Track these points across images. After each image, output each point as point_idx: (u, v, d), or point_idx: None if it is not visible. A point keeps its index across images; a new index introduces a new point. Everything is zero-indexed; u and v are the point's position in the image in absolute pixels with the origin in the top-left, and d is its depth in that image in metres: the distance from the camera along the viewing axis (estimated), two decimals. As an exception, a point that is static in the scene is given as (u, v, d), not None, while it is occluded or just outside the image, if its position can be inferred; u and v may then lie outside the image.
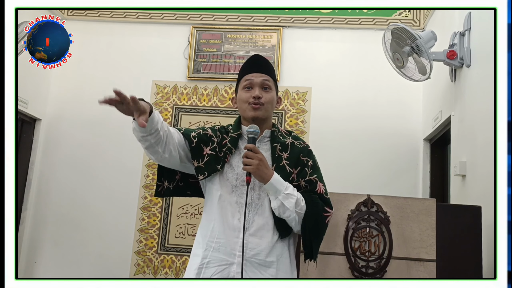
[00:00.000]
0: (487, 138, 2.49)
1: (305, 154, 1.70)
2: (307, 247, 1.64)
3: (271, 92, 1.72)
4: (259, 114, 1.68)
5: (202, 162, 1.65)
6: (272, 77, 1.75)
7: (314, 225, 1.60)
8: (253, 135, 1.61)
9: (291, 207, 1.55)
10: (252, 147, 1.57)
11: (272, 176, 1.57)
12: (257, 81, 1.70)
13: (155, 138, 1.50)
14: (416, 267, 2.25)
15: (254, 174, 1.55)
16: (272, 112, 1.76)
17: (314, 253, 1.66)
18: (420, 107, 4.07)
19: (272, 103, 1.72)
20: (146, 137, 1.48)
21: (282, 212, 1.57)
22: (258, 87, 1.69)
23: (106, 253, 4.07)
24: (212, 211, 1.66)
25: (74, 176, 4.22)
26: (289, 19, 4.29)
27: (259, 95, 1.67)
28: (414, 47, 2.92)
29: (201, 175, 1.64)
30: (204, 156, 1.66)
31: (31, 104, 4.07)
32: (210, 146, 1.68)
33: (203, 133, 1.70)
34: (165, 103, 4.29)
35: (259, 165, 1.55)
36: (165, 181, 1.72)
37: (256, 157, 1.56)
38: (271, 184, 1.56)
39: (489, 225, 2.31)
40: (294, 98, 4.19)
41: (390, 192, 2.58)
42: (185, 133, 1.68)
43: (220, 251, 1.60)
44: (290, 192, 1.58)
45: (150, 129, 1.47)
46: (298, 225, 1.59)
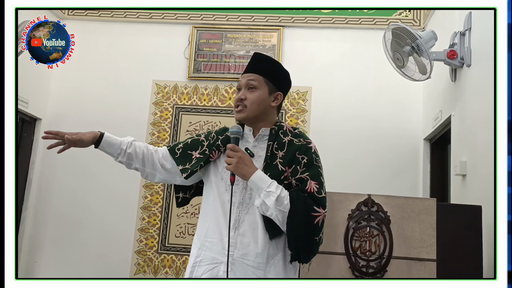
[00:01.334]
0: (487, 137, 2.49)
1: (301, 152, 1.65)
2: (292, 248, 1.58)
3: (256, 91, 1.69)
4: (240, 116, 1.69)
5: (189, 164, 1.74)
6: (265, 74, 1.72)
7: (299, 225, 1.52)
8: (235, 135, 1.63)
9: (271, 205, 1.51)
10: (232, 146, 1.60)
11: (253, 174, 1.56)
12: (242, 82, 1.72)
13: (124, 157, 1.76)
14: (416, 267, 2.25)
15: (234, 171, 1.56)
16: (263, 110, 1.70)
17: (303, 256, 1.58)
18: (420, 107, 4.06)
19: (256, 102, 1.68)
20: (117, 159, 1.76)
21: (265, 210, 1.55)
22: (244, 88, 1.71)
23: (107, 253, 4.07)
24: (207, 211, 1.69)
25: (75, 176, 4.22)
26: (290, 19, 4.29)
27: (241, 97, 1.69)
28: (415, 46, 2.92)
29: (184, 173, 1.72)
30: (192, 160, 1.75)
31: (31, 104, 4.08)
32: (199, 150, 1.76)
33: (193, 140, 1.81)
34: (166, 103, 4.29)
35: (238, 163, 1.56)
36: (180, 193, 1.85)
37: (236, 155, 1.57)
38: (252, 181, 1.56)
39: (489, 224, 2.31)
40: (294, 98, 4.19)
41: (390, 192, 2.59)
42: (171, 148, 1.82)
43: (212, 250, 1.61)
44: (272, 189, 1.53)
45: (113, 153, 1.75)
46: (283, 225, 1.54)
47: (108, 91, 4.33)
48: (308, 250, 1.57)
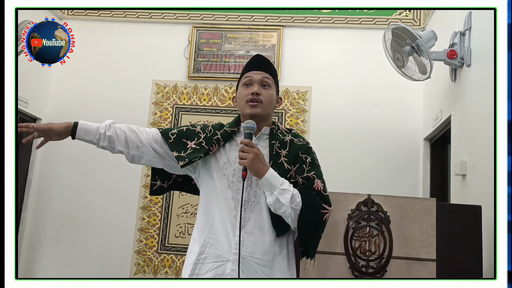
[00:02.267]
0: (487, 137, 2.49)
1: (304, 151, 1.69)
2: (303, 245, 1.63)
3: (270, 89, 1.72)
4: (256, 111, 1.68)
5: (184, 153, 1.68)
6: (273, 76, 1.75)
7: (310, 222, 1.58)
8: (250, 130, 1.61)
9: (287, 203, 1.54)
10: (248, 141, 1.58)
11: (267, 171, 1.57)
12: (256, 78, 1.71)
13: (105, 141, 1.70)
14: (416, 267, 2.25)
15: (249, 168, 1.56)
16: (272, 110, 1.75)
17: (311, 251, 1.65)
18: (420, 107, 4.06)
19: (271, 101, 1.72)
20: (99, 145, 1.71)
21: (278, 208, 1.56)
22: (257, 84, 1.70)
23: (106, 253, 4.07)
24: (209, 208, 1.66)
25: (74, 175, 4.22)
26: (290, 18, 4.29)
27: (258, 91, 1.68)
28: (415, 46, 2.92)
29: (181, 161, 1.66)
30: (187, 149, 1.70)
31: (31, 104, 4.08)
32: (195, 141, 1.72)
33: (188, 129, 1.75)
34: (165, 103, 4.29)
35: (254, 159, 1.55)
36: (158, 180, 1.80)
37: (252, 151, 1.56)
38: (266, 179, 1.56)
39: (489, 224, 2.31)
40: (294, 98, 4.19)
41: (390, 192, 2.58)
42: (163, 131, 1.76)
43: (217, 248, 1.60)
44: (286, 187, 1.56)
45: (92, 139, 1.71)
46: (294, 222, 1.57)
47: (108, 91, 4.33)
48: (316, 245, 1.65)
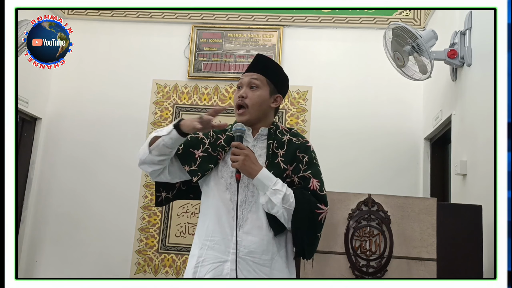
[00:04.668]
0: (487, 137, 2.49)
1: (301, 150, 1.68)
2: (298, 245, 1.64)
3: (258, 90, 1.70)
4: (242, 119, 1.69)
5: (195, 165, 1.67)
6: (267, 75, 1.73)
7: (305, 222, 1.58)
8: (239, 133, 1.62)
9: (278, 203, 1.54)
10: (238, 144, 1.59)
11: (259, 172, 1.57)
12: (245, 80, 1.72)
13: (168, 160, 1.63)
14: (416, 267, 2.25)
15: (241, 169, 1.56)
16: (263, 111, 1.72)
17: (307, 252, 1.64)
18: (420, 106, 4.06)
19: (258, 102, 1.69)
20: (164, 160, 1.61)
21: (271, 208, 1.57)
22: (245, 86, 1.71)
23: (107, 252, 4.07)
24: (207, 211, 1.68)
25: (75, 175, 4.22)
26: (290, 18, 4.29)
27: (242, 94, 1.69)
28: (415, 46, 2.92)
29: (195, 177, 1.65)
30: (196, 159, 1.68)
31: (31, 103, 4.08)
32: (201, 148, 1.70)
33: (192, 138, 1.72)
34: (166, 102, 4.29)
35: (244, 160, 1.56)
36: (163, 192, 1.77)
37: (242, 153, 1.57)
38: (258, 179, 1.57)
39: (489, 224, 2.31)
40: (294, 97, 4.19)
41: (390, 191, 2.59)
42: None
43: (215, 249, 1.60)
44: (278, 188, 1.56)
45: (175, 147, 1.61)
46: (288, 222, 1.57)
47: (108, 90, 4.33)
48: (312, 245, 1.64)
